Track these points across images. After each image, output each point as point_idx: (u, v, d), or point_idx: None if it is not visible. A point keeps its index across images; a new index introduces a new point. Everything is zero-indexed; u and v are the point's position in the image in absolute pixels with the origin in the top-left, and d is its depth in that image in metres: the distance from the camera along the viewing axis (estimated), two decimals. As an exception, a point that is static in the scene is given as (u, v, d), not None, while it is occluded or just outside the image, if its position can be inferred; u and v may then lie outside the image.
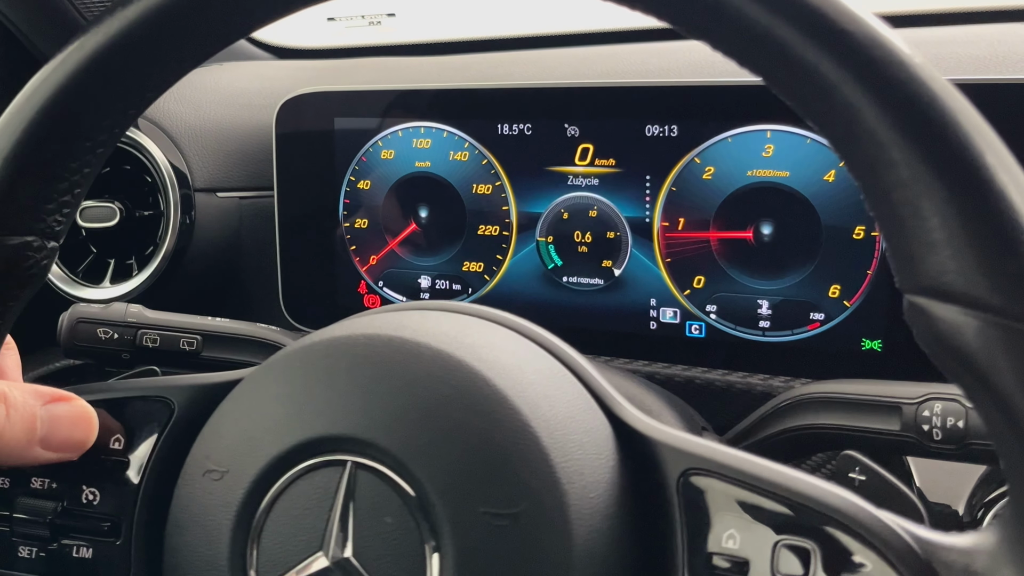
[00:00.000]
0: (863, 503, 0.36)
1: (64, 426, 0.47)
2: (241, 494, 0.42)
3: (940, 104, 0.31)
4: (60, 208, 0.43)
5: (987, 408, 0.32)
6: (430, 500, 0.39)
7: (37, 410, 0.46)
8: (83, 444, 0.48)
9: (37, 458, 0.46)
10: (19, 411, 0.45)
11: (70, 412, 0.47)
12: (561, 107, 0.82)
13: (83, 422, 0.48)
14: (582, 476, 0.40)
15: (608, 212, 0.81)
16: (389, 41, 1.27)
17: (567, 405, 0.42)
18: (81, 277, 1.01)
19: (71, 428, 0.47)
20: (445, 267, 0.89)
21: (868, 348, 0.74)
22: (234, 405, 0.45)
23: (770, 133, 0.75)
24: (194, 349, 0.67)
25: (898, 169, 0.31)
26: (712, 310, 0.79)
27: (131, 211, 0.99)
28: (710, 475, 0.39)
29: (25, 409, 0.45)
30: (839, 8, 0.32)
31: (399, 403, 0.40)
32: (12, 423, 0.45)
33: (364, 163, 0.90)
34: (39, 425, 0.46)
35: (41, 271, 0.44)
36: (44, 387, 0.47)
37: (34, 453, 0.46)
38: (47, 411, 0.46)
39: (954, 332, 0.31)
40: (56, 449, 0.47)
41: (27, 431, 0.45)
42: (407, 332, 0.43)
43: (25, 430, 0.45)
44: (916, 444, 0.56)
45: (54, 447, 0.47)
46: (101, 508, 0.49)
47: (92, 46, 0.39)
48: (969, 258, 0.30)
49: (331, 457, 0.40)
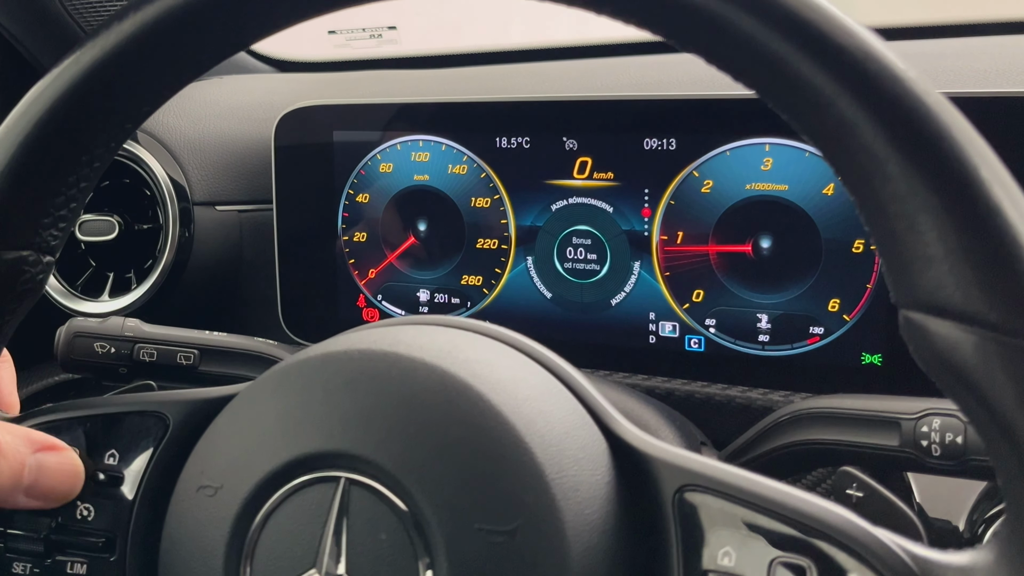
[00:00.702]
0: (860, 521, 0.36)
1: (51, 476, 0.46)
2: (235, 510, 0.41)
3: (935, 118, 0.31)
4: (57, 222, 0.43)
5: (984, 424, 0.32)
6: (425, 516, 0.38)
7: (27, 458, 0.45)
8: (66, 497, 0.47)
9: (19, 504, 0.46)
10: (8, 458, 0.44)
11: (59, 464, 0.47)
12: (560, 120, 0.82)
13: (69, 475, 0.47)
14: (577, 492, 0.39)
15: (606, 226, 0.81)
16: (389, 54, 1.27)
17: (563, 421, 0.42)
18: (80, 291, 1.01)
19: (57, 479, 0.46)
20: (444, 281, 0.89)
21: (868, 362, 0.74)
22: (228, 420, 0.45)
23: (769, 146, 0.75)
24: (191, 363, 0.67)
25: (894, 183, 0.31)
26: (711, 324, 0.79)
27: (130, 225, 0.99)
28: (706, 491, 0.39)
29: (15, 456, 0.45)
30: (833, 22, 0.32)
31: (394, 419, 0.40)
32: (1, 467, 0.44)
33: (363, 176, 0.90)
34: (26, 473, 0.45)
35: (37, 285, 0.44)
36: (37, 433, 0.47)
37: (16, 500, 0.45)
38: (36, 460, 0.46)
39: (951, 348, 0.31)
40: (39, 499, 0.46)
41: (14, 478, 0.45)
42: (402, 347, 0.43)
43: (12, 477, 0.45)
44: (915, 460, 0.55)
45: (37, 496, 0.46)
46: (96, 524, 0.48)
47: (89, 60, 0.39)
48: (966, 273, 0.30)
49: (325, 473, 0.40)
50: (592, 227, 0.82)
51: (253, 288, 1.03)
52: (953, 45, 0.90)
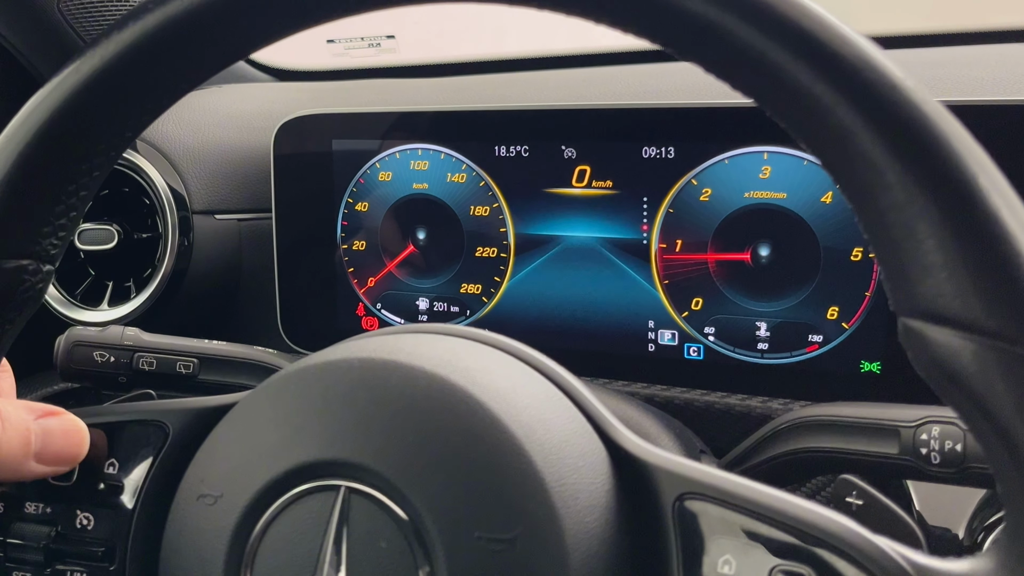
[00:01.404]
0: (859, 528, 0.36)
1: (57, 439, 0.47)
2: (235, 519, 0.41)
3: (934, 126, 0.31)
4: (56, 231, 0.43)
5: (983, 432, 0.32)
6: (425, 525, 0.38)
7: (31, 424, 0.46)
8: (76, 457, 0.48)
9: (32, 471, 0.46)
10: (14, 425, 0.45)
11: (62, 425, 0.47)
12: (558, 129, 0.82)
13: (75, 435, 0.48)
14: (577, 500, 0.39)
15: (605, 234, 0.81)
16: (388, 63, 1.27)
17: (562, 429, 0.42)
18: (79, 300, 1.01)
19: (64, 441, 0.47)
20: (443, 289, 0.89)
21: (867, 370, 0.74)
22: (228, 429, 0.45)
23: (767, 155, 0.75)
24: (191, 372, 0.67)
25: (892, 191, 0.31)
26: (710, 332, 0.79)
27: (129, 233, 0.99)
28: (705, 499, 0.39)
29: (20, 423, 0.45)
30: (831, 31, 0.32)
31: (393, 427, 0.40)
32: (8, 437, 0.45)
33: (362, 185, 0.90)
34: (33, 439, 0.46)
35: (37, 294, 0.44)
36: (34, 403, 0.47)
37: (29, 467, 0.46)
38: (40, 425, 0.46)
39: (950, 355, 0.31)
40: (50, 463, 0.47)
41: (23, 444, 0.45)
42: (402, 356, 0.43)
43: (21, 443, 0.45)
44: (914, 468, 0.55)
45: (48, 460, 0.47)
46: (95, 533, 0.48)
47: (89, 69, 0.39)
48: (965, 281, 0.30)
49: (325, 482, 0.40)
50: (591, 235, 0.82)
51: (252, 297, 1.03)
52: (950, 54, 0.90)
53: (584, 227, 0.82)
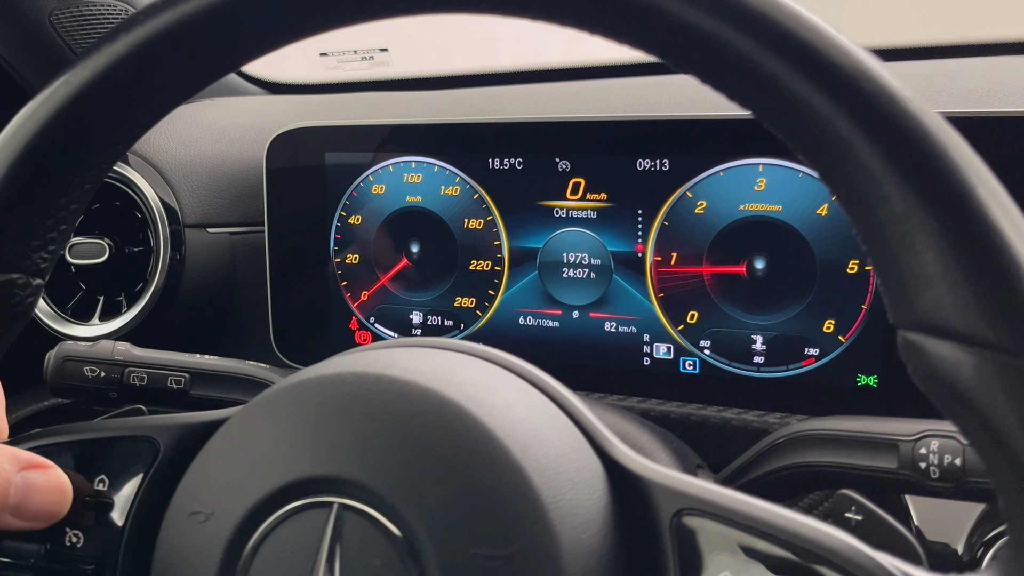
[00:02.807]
0: (858, 544, 0.36)
1: (38, 496, 0.45)
2: (227, 536, 0.41)
3: (932, 137, 0.31)
4: (46, 245, 0.42)
5: (984, 446, 0.32)
6: (419, 542, 0.38)
7: (12, 476, 0.44)
8: (54, 516, 0.46)
9: (6, 525, 0.45)
10: None
11: (45, 482, 0.46)
12: (552, 141, 0.82)
13: (57, 493, 0.46)
14: (574, 516, 0.39)
15: (599, 247, 0.81)
16: (381, 76, 1.27)
17: (559, 444, 0.41)
18: (70, 314, 1.00)
19: (44, 498, 0.46)
20: (437, 303, 0.88)
21: (864, 384, 0.74)
22: (220, 445, 0.44)
23: (762, 167, 0.75)
24: (182, 387, 0.67)
25: (891, 203, 0.31)
26: (706, 345, 0.79)
27: (120, 247, 0.98)
28: (703, 515, 0.39)
29: (1, 474, 0.44)
30: (829, 42, 0.32)
31: (387, 443, 0.40)
32: None
33: (355, 198, 0.90)
34: (12, 492, 0.44)
35: (27, 308, 0.43)
36: (23, 452, 0.46)
37: (4, 519, 0.44)
38: (22, 478, 0.45)
39: (950, 368, 0.31)
40: (26, 519, 0.45)
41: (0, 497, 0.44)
42: (396, 370, 0.43)
43: None
44: (913, 482, 0.55)
45: (24, 516, 0.45)
46: (85, 550, 0.48)
47: (79, 81, 0.39)
48: (964, 293, 0.30)
49: (318, 499, 0.40)
50: (585, 248, 0.82)
51: (245, 311, 1.02)
52: (945, 66, 0.90)
53: (578, 241, 0.82)
